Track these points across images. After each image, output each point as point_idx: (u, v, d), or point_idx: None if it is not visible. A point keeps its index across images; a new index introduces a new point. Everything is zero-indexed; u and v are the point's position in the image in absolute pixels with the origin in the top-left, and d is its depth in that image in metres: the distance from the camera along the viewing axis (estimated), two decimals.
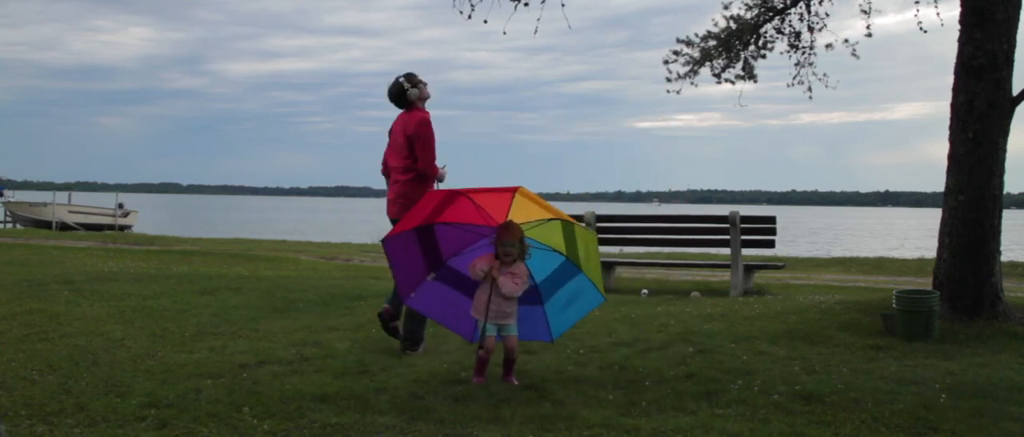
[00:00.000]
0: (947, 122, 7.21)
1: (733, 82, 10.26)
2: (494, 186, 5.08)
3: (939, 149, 7.41)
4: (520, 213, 5.09)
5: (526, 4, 8.04)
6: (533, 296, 5.34)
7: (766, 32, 10.05)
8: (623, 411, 4.43)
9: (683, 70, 10.32)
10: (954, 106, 7.15)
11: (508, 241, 5.02)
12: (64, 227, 32.26)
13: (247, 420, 4.24)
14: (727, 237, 10.27)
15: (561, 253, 5.29)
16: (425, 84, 6.35)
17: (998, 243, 7.08)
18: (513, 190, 4.96)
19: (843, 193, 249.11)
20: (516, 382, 5.05)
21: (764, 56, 10.16)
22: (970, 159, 7.01)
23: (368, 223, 45.82)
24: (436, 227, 5.21)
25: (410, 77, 6.28)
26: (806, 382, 5.06)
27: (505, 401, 4.60)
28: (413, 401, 4.64)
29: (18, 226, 33.64)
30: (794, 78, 10.05)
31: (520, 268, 5.09)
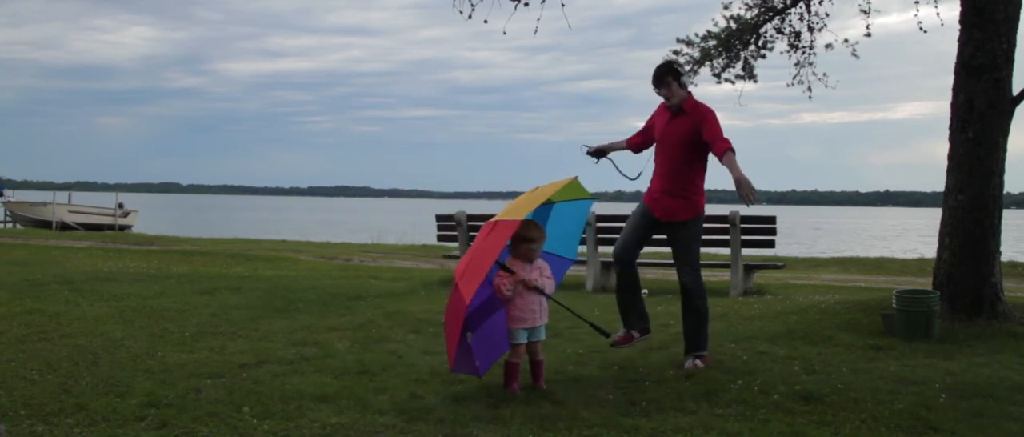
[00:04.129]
0: (948, 122, 7.22)
1: (733, 82, 10.27)
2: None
3: (940, 148, 7.42)
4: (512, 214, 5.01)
5: (526, 4, 8.06)
6: None
7: (766, 32, 10.06)
8: (623, 411, 4.43)
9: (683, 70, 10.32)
10: (954, 106, 7.15)
11: (534, 237, 4.92)
12: (64, 227, 32.25)
13: (247, 420, 4.24)
14: (727, 237, 10.26)
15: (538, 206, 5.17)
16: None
17: (998, 243, 7.08)
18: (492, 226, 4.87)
19: (843, 193, 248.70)
20: (545, 385, 4.98)
21: (764, 56, 10.18)
22: (970, 159, 7.00)
23: (368, 224, 45.81)
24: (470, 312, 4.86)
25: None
26: (806, 382, 5.06)
27: (505, 401, 4.60)
28: (413, 401, 4.64)
29: (18, 226, 33.65)
30: (794, 78, 10.07)
31: (541, 262, 5.03)
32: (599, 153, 5.96)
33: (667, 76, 5.58)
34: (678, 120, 5.56)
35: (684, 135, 5.50)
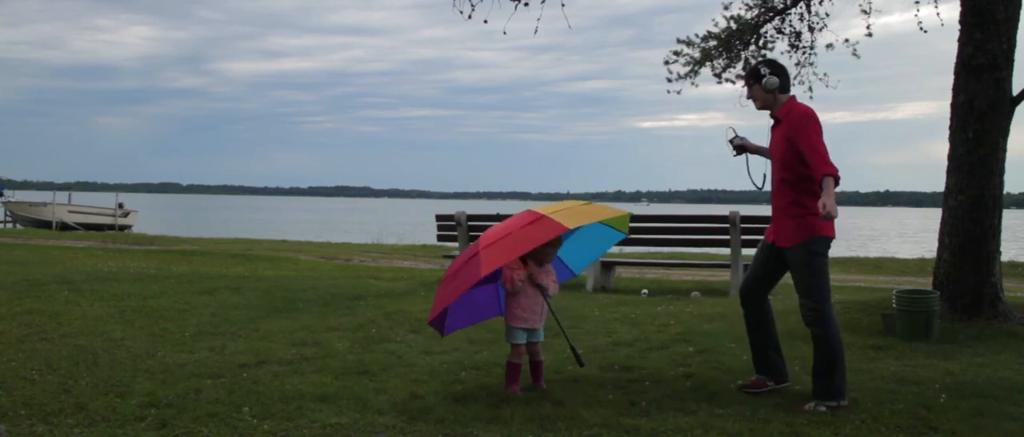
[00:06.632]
0: (948, 122, 7.21)
1: (734, 82, 10.28)
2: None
3: (940, 148, 7.41)
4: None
5: (526, 4, 8.06)
6: None
7: (766, 32, 10.07)
8: (623, 411, 4.43)
9: (684, 70, 10.35)
10: (954, 106, 7.15)
11: (552, 243, 4.92)
12: (64, 227, 32.25)
13: (247, 420, 4.24)
14: (727, 237, 10.26)
15: None
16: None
17: (998, 243, 7.08)
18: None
19: (843, 193, 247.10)
20: (545, 385, 4.98)
21: (764, 56, 10.17)
22: (970, 159, 7.01)
23: (368, 224, 45.82)
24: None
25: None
26: (806, 382, 5.05)
27: (505, 401, 4.60)
28: (413, 401, 4.64)
29: (18, 226, 33.65)
30: (795, 78, 10.07)
31: (550, 267, 5.05)
32: (743, 148, 5.21)
33: (749, 79, 4.91)
34: (777, 130, 4.88)
35: (780, 148, 4.79)
